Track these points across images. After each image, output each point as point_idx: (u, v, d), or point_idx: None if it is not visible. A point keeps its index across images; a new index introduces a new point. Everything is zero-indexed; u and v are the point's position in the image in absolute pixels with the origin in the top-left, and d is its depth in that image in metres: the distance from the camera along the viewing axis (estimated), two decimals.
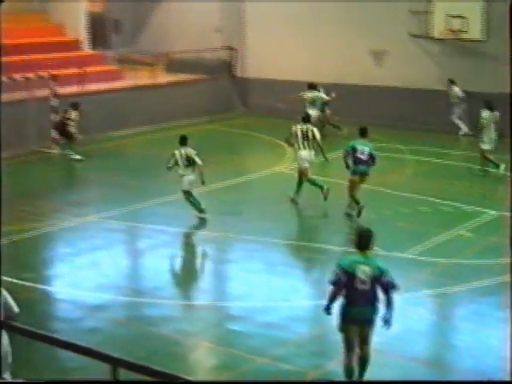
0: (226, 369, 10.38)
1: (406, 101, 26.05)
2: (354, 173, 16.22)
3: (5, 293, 9.08)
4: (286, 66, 27.88)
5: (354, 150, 16.10)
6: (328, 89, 24.35)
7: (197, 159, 16.07)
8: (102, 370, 6.56)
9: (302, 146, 17.26)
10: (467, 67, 24.79)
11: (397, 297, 9.42)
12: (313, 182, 17.39)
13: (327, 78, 26.11)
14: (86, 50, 29.16)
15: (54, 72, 23.31)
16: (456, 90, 24.64)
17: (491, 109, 19.47)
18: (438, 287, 12.76)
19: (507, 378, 9.33)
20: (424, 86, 25.67)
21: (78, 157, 22.04)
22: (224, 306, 12.52)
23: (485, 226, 15.74)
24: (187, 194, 16.33)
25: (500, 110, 19.74)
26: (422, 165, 21.12)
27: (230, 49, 29.68)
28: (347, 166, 16.27)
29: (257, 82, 28.82)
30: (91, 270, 13.81)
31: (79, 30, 29.01)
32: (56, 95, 23.06)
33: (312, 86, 23.79)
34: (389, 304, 9.19)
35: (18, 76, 22.59)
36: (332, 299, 9.29)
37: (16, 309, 9.04)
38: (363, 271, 9.08)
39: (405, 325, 11.35)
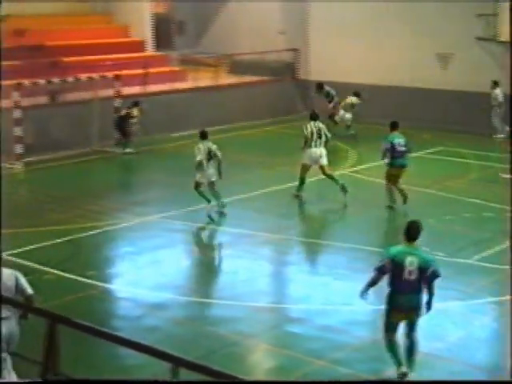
0: (283, 371, 10.34)
1: (471, 105, 25.68)
2: (392, 166, 16.73)
3: (18, 274, 9.14)
4: (349, 68, 27.75)
5: (393, 144, 16.62)
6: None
7: (218, 153, 16.60)
8: (162, 369, 6.60)
9: (314, 143, 17.67)
10: None
11: (460, 303, 9.30)
12: (331, 177, 17.89)
13: (391, 81, 25.94)
14: (150, 50, 29.47)
15: (118, 72, 23.60)
16: (497, 92, 24.35)
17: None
18: (503, 295, 12.52)
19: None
20: (489, 89, 25.26)
21: (129, 150, 22.38)
22: (283, 307, 12.48)
23: None
24: (212, 185, 16.73)
25: None
26: (486, 170, 20.79)
27: (293, 51, 29.67)
28: (385, 158, 16.90)
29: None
30: (152, 269, 13.92)
31: (143, 31, 29.35)
32: (120, 95, 23.35)
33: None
34: (431, 290, 9.54)
35: (82, 76, 22.92)
36: (372, 285, 9.74)
37: (30, 290, 9.06)
38: (411, 262, 9.42)
39: (468, 332, 11.19)
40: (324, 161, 17.74)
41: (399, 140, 16.78)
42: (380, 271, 9.62)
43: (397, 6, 26.75)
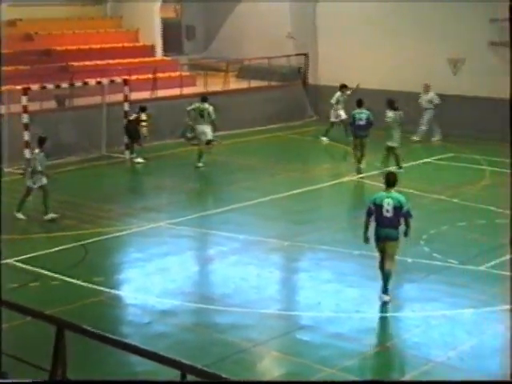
0: (293, 378, 10.31)
1: (484, 110, 25.61)
2: (355, 137, 20.97)
3: None
4: (359, 73, 27.66)
5: (354, 119, 20.88)
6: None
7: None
8: (170, 376, 6.58)
9: (198, 121, 21.66)
10: None
11: (473, 311, 9.25)
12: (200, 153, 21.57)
13: (403, 87, 25.88)
14: (159, 55, 29.52)
15: (127, 77, 23.63)
16: (432, 95, 24.87)
17: (395, 108, 20.68)
18: None
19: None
20: (503, 95, 25.16)
21: (140, 160, 22.36)
22: (293, 315, 12.44)
23: None
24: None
25: None
26: (499, 176, 20.68)
27: (303, 55, 29.66)
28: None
29: (329, 90, 28.62)
30: (161, 276, 13.91)
31: (153, 36, 29.42)
32: (129, 100, 23.38)
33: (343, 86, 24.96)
34: (407, 225, 12.39)
35: (91, 81, 22.96)
36: (366, 227, 12.50)
37: None
38: (388, 202, 12.32)
39: (480, 340, 11.14)
40: (206, 137, 21.50)
41: (360, 115, 20.73)
42: (368, 213, 12.48)
43: (408, 9, 26.68)
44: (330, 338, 11.37)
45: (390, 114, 20.75)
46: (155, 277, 13.87)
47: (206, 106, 21.61)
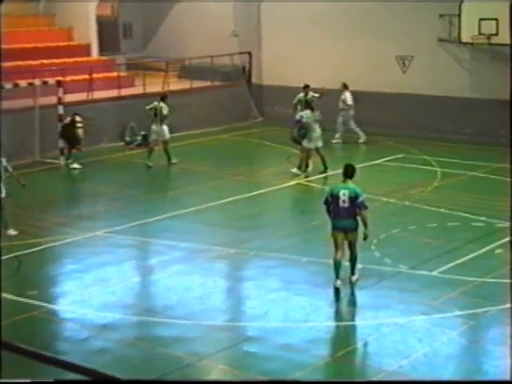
0: None
1: (434, 109, 26.00)
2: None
3: None
4: (305, 72, 27.83)
5: (301, 117, 21.04)
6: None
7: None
8: None
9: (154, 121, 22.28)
10: (498, 73, 24.65)
11: (425, 318, 9.34)
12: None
13: (351, 86, 26.10)
14: (95, 55, 29.30)
15: (61, 78, 23.39)
16: (347, 95, 24.89)
17: (312, 109, 21.10)
18: (469, 308, 12.64)
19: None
20: (453, 93, 25.60)
21: (76, 165, 22.17)
22: (240, 326, 12.44)
23: None
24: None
25: None
26: (450, 177, 21.00)
27: (247, 54, 29.72)
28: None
29: (274, 90, 28.83)
30: (99, 288, 13.78)
31: (88, 34, 29.18)
32: (63, 103, 23.13)
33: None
34: (364, 221, 13.20)
35: (22, 82, 22.66)
36: (329, 213, 13.39)
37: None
38: (343, 193, 13.14)
39: (433, 348, 11.25)
40: (158, 137, 22.43)
41: (307, 116, 20.93)
42: (325, 203, 13.41)
43: (355, 6, 26.95)
44: (278, 350, 11.39)
45: (308, 113, 20.92)
46: (93, 289, 13.74)
47: (161, 104, 22.37)
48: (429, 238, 16.14)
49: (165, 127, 22.43)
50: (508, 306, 12.46)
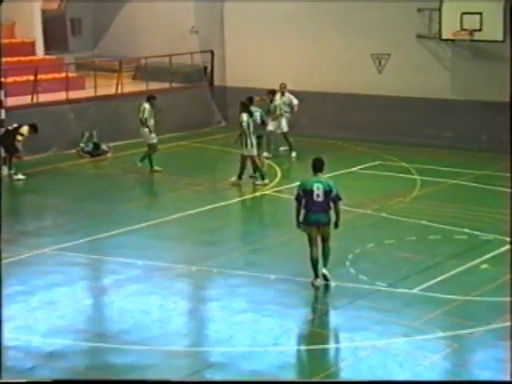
0: None
1: (412, 112, 26.18)
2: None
3: None
4: (273, 72, 27.89)
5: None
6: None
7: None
8: None
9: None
10: (481, 72, 24.90)
11: (405, 340, 9.37)
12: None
13: (322, 87, 26.24)
14: (41, 53, 29.13)
15: (3, 79, 23.21)
16: (290, 96, 24.90)
17: (250, 112, 21.00)
18: (453, 329, 12.69)
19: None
20: (433, 94, 25.80)
21: (20, 176, 21.99)
22: (202, 351, 12.41)
23: (504, 256, 15.70)
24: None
25: None
26: (431, 186, 21.13)
27: (208, 52, 29.72)
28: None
29: (239, 92, 28.78)
30: (47, 311, 13.67)
31: (33, 31, 29.02)
32: (4, 107, 22.95)
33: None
34: (337, 212, 14.24)
35: None
36: (298, 213, 14.30)
37: None
38: (317, 187, 14.05)
39: (414, 373, 11.28)
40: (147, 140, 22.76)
41: (256, 113, 21.48)
42: (297, 199, 14.26)
43: (327, 1, 27.02)
44: (245, 377, 11.35)
45: (245, 117, 20.89)
46: (40, 313, 13.63)
47: (144, 105, 22.77)
48: (408, 252, 16.20)
49: (145, 130, 22.70)
50: (494, 326, 12.55)
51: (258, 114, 21.80)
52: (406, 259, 15.84)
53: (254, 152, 20.95)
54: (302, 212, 14.22)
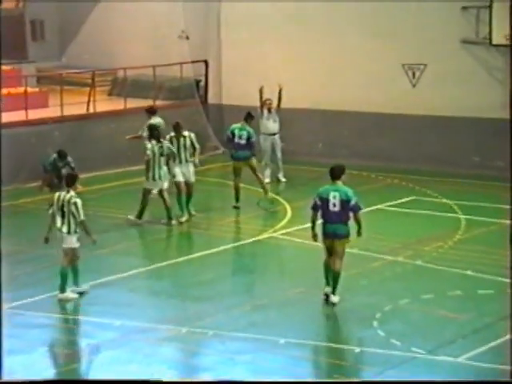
0: None
1: (455, 136, 26.16)
2: (233, 158, 23.06)
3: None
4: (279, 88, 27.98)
5: (234, 135, 22.92)
6: None
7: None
8: None
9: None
10: None
11: None
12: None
13: (342, 105, 26.26)
14: None
15: None
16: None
17: (158, 139, 21.60)
18: None
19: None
20: (480, 113, 25.78)
21: None
22: None
23: None
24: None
25: None
26: (478, 227, 21.07)
27: (202, 63, 29.85)
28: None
29: (239, 111, 28.83)
30: None
31: None
32: None
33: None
34: (358, 222, 15.81)
35: None
36: (313, 223, 15.92)
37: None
38: (334, 196, 15.64)
39: None
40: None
41: (240, 132, 22.83)
42: (314, 208, 15.90)
43: (346, 4, 27.08)
44: None
45: (149, 145, 21.42)
46: None
47: (151, 121, 24.13)
48: (451, 310, 16.12)
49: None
50: None
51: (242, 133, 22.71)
52: (449, 319, 15.79)
53: (155, 187, 21.49)
54: (320, 223, 15.87)
